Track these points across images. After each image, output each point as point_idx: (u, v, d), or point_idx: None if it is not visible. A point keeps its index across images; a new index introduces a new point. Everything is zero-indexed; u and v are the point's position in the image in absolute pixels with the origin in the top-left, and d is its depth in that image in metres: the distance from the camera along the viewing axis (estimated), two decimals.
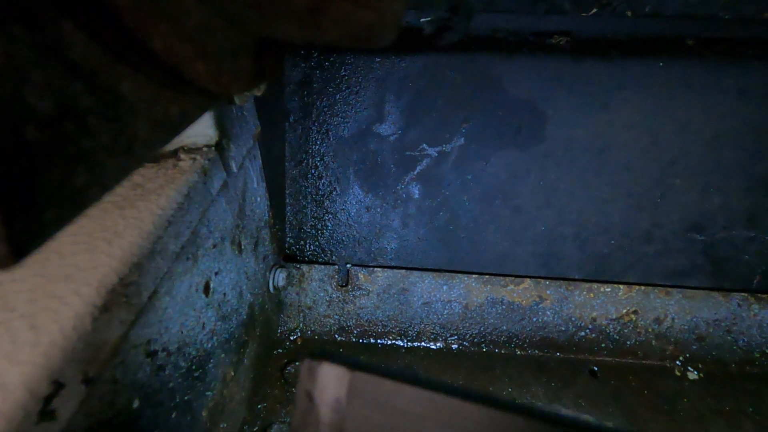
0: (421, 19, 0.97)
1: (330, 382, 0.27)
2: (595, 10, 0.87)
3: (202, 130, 0.64)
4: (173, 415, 0.57)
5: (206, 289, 0.65)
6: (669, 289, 1.06)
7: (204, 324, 0.65)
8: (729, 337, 1.06)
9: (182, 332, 0.58)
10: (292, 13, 0.23)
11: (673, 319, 1.07)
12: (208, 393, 0.68)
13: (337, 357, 0.27)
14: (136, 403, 0.48)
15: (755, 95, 0.99)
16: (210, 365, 0.68)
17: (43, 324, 0.37)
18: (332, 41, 0.25)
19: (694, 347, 1.07)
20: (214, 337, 0.69)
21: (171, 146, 0.64)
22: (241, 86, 0.30)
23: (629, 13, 0.87)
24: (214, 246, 0.67)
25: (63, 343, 0.36)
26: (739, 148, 1.02)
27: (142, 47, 0.21)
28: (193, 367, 0.62)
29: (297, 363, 1.04)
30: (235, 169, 0.72)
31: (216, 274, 0.68)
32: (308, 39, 0.25)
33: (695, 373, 1.05)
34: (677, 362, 1.07)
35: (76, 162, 0.19)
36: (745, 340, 1.06)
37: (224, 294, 0.72)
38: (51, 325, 0.37)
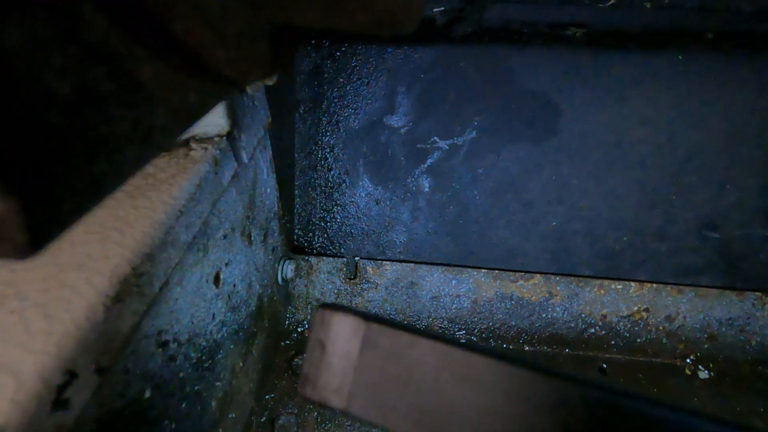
0: (434, 9, 0.95)
1: (344, 331, 0.26)
2: (612, 2, 0.86)
3: (214, 120, 0.64)
4: (183, 405, 0.57)
5: (216, 279, 0.64)
6: (681, 287, 1.05)
7: (214, 315, 0.64)
8: (742, 337, 1.05)
9: (193, 323, 0.58)
10: None
11: (684, 317, 1.05)
12: (218, 383, 0.68)
13: (351, 309, 0.27)
14: (147, 393, 0.48)
15: None
16: (219, 356, 0.68)
17: (57, 313, 0.37)
18: (356, 27, 0.24)
19: (706, 346, 1.06)
20: (224, 328, 0.69)
21: (183, 136, 0.63)
22: (258, 74, 0.29)
23: (648, 5, 0.85)
24: (225, 237, 0.66)
25: (76, 332, 0.36)
26: (757, 145, 1.00)
27: (162, 31, 0.20)
28: (203, 358, 0.62)
29: (304, 355, 1.04)
30: (245, 160, 0.71)
31: (226, 265, 0.68)
32: (331, 25, 0.24)
33: (706, 372, 1.04)
34: (688, 361, 1.06)
35: (96, 149, 0.18)
36: (759, 339, 1.05)
37: (234, 285, 0.72)
38: (64, 315, 0.37)
